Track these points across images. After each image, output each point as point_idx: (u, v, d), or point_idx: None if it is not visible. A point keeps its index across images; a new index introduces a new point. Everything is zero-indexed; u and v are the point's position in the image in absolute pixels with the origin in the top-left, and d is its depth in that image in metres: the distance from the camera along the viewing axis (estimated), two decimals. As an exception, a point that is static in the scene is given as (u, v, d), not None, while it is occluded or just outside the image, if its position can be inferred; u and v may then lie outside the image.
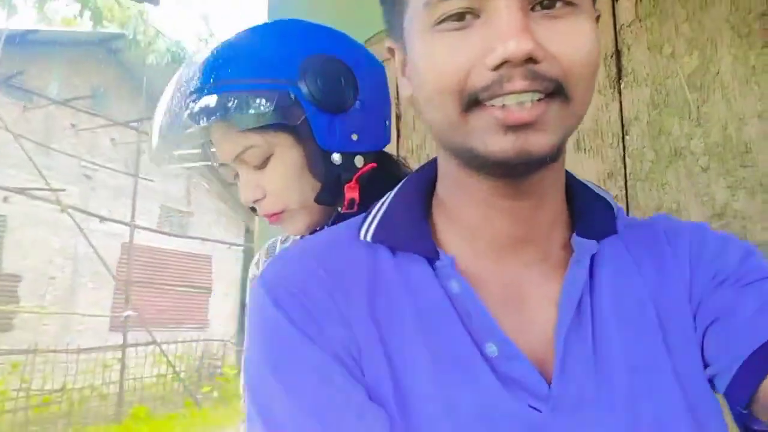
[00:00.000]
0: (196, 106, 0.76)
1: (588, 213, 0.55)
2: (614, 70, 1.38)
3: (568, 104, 0.45)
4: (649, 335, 0.50)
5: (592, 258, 0.53)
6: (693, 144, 1.24)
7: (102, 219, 9.74)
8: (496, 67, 0.43)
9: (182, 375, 9.82)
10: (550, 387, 0.47)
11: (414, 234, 0.53)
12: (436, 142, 0.54)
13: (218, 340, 11.97)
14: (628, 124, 1.35)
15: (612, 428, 0.46)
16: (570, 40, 0.44)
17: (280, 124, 0.77)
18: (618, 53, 1.40)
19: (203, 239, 12.17)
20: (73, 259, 10.03)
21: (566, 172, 0.57)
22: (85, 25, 10.66)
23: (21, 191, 8.47)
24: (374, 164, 0.84)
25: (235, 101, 0.75)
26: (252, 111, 0.75)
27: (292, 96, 0.77)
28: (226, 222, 13.72)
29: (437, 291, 0.51)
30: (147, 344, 9.23)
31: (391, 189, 0.60)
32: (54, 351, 8.36)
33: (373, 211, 0.58)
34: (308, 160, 0.80)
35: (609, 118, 1.36)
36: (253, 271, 1.05)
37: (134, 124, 10.35)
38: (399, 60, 0.54)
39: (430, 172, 0.58)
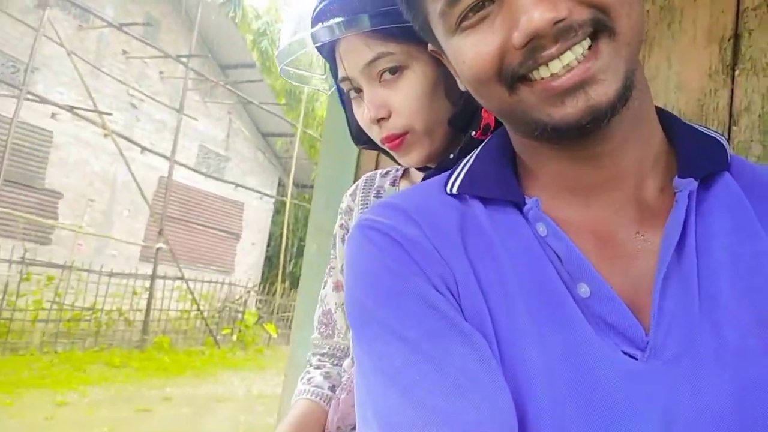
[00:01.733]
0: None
1: (692, 152, 0.52)
2: (730, 54, 1.30)
3: (616, 37, 0.44)
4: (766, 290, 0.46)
5: (704, 197, 0.50)
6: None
7: (143, 149, 9.87)
8: (524, 45, 0.43)
9: (205, 314, 10.02)
10: (647, 334, 0.45)
11: (501, 182, 0.54)
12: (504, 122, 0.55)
13: (242, 286, 12.16)
14: (737, 114, 1.27)
15: (718, 383, 0.43)
16: None
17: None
18: (737, 37, 1.31)
19: (237, 185, 12.26)
20: (111, 185, 10.19)
21: (665, 112, 0.55)
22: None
23: (69, 109, 8.52)
24: None
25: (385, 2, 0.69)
26: (400, 13, 0.70)
27: None
28: (261, 172, 13.79)
29: (527, 234, 0.51)
30: (174, 278, 9.42)
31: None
32: (87, 270, 8.58)
33: (459, 167, 0.59)
34: (446, 80, 0.74)
35: (717, 105, 1.28)
36: (347, 201, 1.01)
37: (184, 59, 10.34)
38: (446, 60, 0.56)
39: (507, 133, 0.59)
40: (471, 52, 0.47)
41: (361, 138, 0.88)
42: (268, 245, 14.34)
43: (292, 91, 14.11)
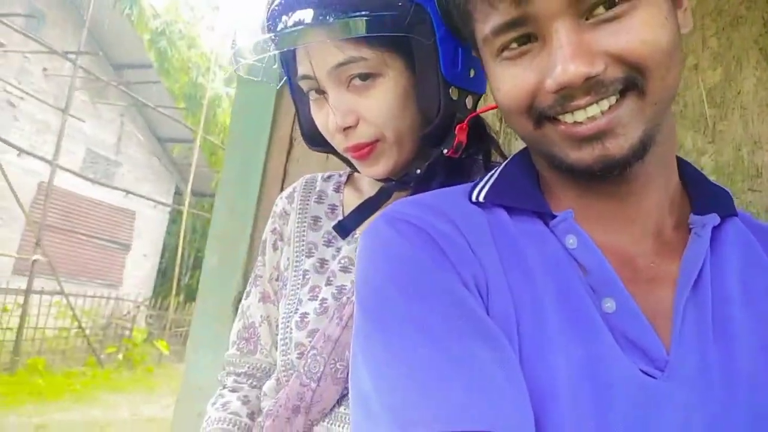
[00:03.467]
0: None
1: (707, 194, 0.56)
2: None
3: (644, 97, 0.46)
4: None
5: (716, 237, 0.53)
6: (703, 160, 1.23)
7: (21, 152, 8.99)
8: (556, 91, 0.45)
9: (87, 331, 9.24)
10: (668, 353, 0.46)
11: (528, 194, 0.55)
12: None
13: (131, 300, 11.37)
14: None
15: (731, 408, 0.45)
16: (633, 36, 0.45)
17: (399, 42, 0.68)
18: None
19: (128, 192, 11.48)
20: (-18, 190, 9.20)
21: (681, 159, 0.59)
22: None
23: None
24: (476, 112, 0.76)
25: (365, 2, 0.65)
26: (379, 18, 0.64)
27: (427, 11, 0.67)
28: (155, 179, 13.06)
29: (554, 245, 0.52)
30: (53, 293, 8.60)
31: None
32: (-52, 285, 7.67)
33: (485, 178, 0.59)
34: (420, 89, 0.70)
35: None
36: (283, 204, 0.93)
37: (72, 56, 9.57)
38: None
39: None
40: (508, 84, 0.49)
41: (315, 140, 0.82)
42: (162, 257, 13.57)
43: (192, 95, 13.51)
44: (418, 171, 0.74)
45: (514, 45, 0.48)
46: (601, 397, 0.44)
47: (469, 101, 0.74)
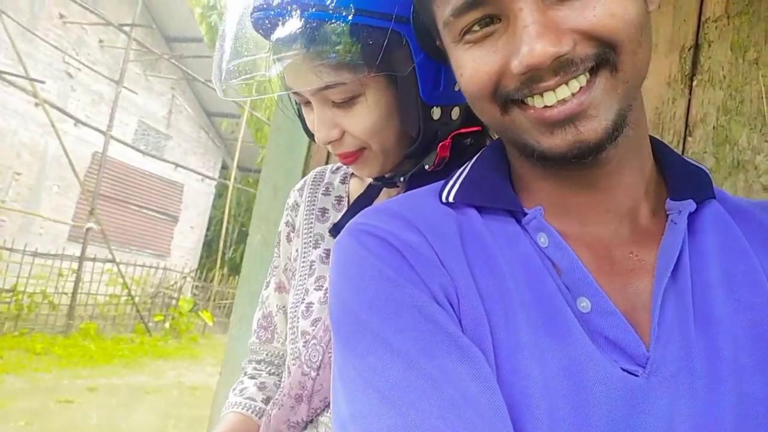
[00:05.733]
0: (294, 27, 0.64)
1: (682, 178, 0.53)
2: (689, 64, 1.27)
3: (616, 74, 0.44)
4: (762, 310, 0.47)
5: (693, 222, 0.51)
6: (758, 159, 1.15)
7: (77, 122, 9.29)
8: (523, 73, 0.43)
9: (137, 299, 9.58)
10: (647, 350, 0.45)
11: (499, 192, 0.53)
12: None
13: (178, 271, 11.71)
14: (693, 125, 1.26)
15: (715, 399, 0.43)
16: (600, 10, 0.42)
17: (380, 64, 0.67)
18: (697, 47, 1.29)
19: (177, 165, 11.77)
20: (41, 159, 9.49)
21: (654, 139, 0.56)
22: None
23: (-4, 74, 7.95)
24: (478, 128, 0.77)
25: (340, 31, 0.64)
26: (357, 47, 0.64)
27: (404, 39, 0.66)
28: (203, 153, 13.32)
29: (526, 245, 0.50)
30: (105, 261, 8.93)
31: (465, 156, 0.61)
32: (10, 249, 8.02)
33: (455, 176, 0.57)
34: (402, 109, 0.71)
35: (674, 114, 1.26)
36: (295, 196, 0.96)
37: (126, 28, 9.73)
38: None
39: (503, 147, 0.58)
40: (470, 67, 0.47)
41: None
42: (208, 230, 13.91)
43: (240, 72, 13.67)
44: (402, 179, 0.77)
45: (477, 27, 0.46)
46: (580, 399, 0.43)
47: (455, 112, 0.74)
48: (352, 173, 0.93)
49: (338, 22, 0.63)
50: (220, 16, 13.40)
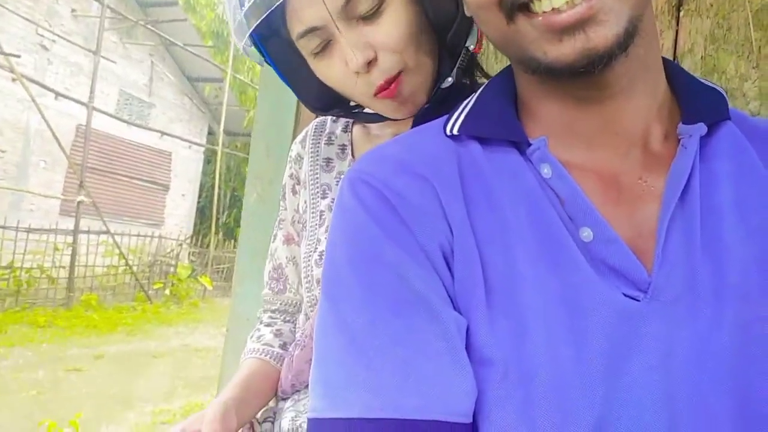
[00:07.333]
0: None
1: (694, 100, 0.52)
2: (676, -6, 1.28)
3: None
4: None
5: (707, 146, 0.50)
6: (746, 86, 1.18)
7: (58, 95, 9.12)
8: None
9: (135, 269, 9.66)
10: (649, 275, 0.44)
11: (503, 122, 0.52)
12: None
13: (173, 239, 11.77)
14: (681, 56, 1.27)
15: (717, 322, 0.43)
16: None
17: None
18: (684, -24, 1.30)
19: (164, 133, 11.64)
20: (24, 135, 9.37)
21: (668, 60, 0.54)
22: None
23: (-32, 51, 7.75)
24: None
25: None
26: None
27: None
28: (188, 119, 13.13)
29: (529, 176, 0.49)
30: (99, 233, 8.96)
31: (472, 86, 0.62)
32: (2, 227, 8.02)
33: (460, 108, 0.57)
34: (431, 6, 0.70)
35: (662, 46, 1.28)
36: (297, 149, 0.95)
37: (98, -4, 9.52)
38: None
39: (512, 73, 0.57)
40: None
41: (322, 101, 0.80)
42: (200, 196, 13.88)
43: (220, 33, 13.36)
44: (427, 105, 0.75)
45: None
46: (577, 324, 0.43)
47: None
48: (354, 121, 0.92)
49: None
50: (193, -24, 12.97)
